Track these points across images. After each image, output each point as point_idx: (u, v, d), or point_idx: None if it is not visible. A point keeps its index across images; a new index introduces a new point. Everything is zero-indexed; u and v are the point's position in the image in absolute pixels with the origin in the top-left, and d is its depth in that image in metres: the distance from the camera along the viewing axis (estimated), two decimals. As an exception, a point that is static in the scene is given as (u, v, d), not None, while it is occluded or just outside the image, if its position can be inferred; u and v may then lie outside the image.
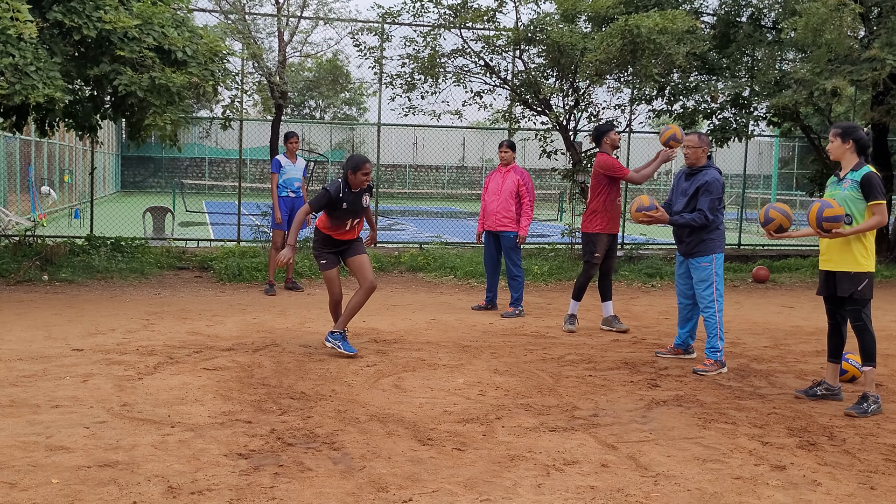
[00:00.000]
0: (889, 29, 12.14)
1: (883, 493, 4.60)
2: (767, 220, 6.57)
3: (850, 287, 6.15)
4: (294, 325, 8.77)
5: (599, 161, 8.89)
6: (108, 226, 15.18)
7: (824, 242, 6.32)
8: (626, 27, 11.28)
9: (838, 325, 6.49)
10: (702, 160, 7.59)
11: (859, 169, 6.18)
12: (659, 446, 5.29)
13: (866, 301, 6.18)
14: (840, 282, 6.20)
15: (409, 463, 4.83)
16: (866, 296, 6.16)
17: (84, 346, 7.47)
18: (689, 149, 7.60)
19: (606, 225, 8.81)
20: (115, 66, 9.76)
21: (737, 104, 14.34)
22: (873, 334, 6.23)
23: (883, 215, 6.10)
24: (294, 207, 11.04)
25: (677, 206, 7.62)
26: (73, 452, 4.81)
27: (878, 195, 6.09)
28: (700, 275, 7.45)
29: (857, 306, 6.17)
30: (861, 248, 6.16)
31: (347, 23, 13.60)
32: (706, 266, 7.41)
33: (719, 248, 7.46)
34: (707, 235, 7.43)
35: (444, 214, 30.23)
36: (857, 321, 6.19)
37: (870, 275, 6.18)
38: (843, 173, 6.27)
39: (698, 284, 7.47)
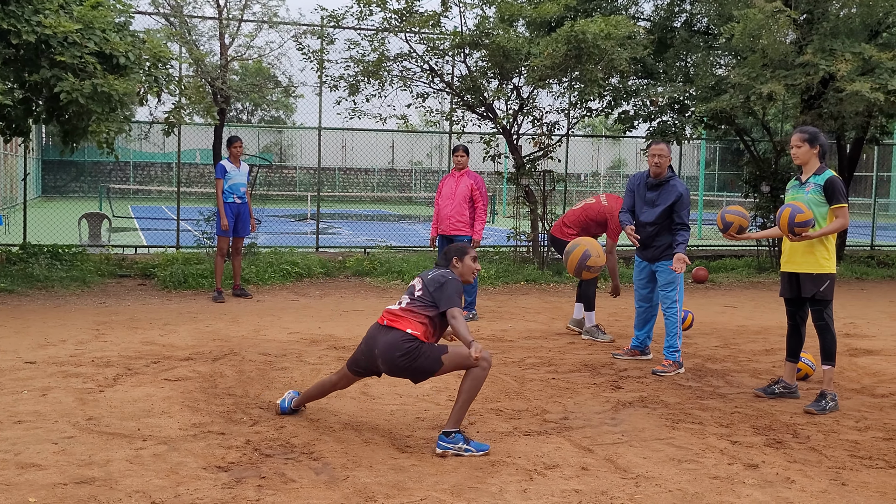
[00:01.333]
0: (821, 35, 12.52)
1: (854, 489, 4.74)
2: (726, 224, 6.72)
3: (813, 288, 6.33)
4: (249, 333, 8.66)
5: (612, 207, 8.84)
6: (39, 233, 14.77)
7: (788, 245, 6.49)
8: (573, 33, 11.42)
9: (798, 326, 6.67)
10: (666, 170, 7.63)
11: (822, 173, 6.35)
12: (633, 448, 5.37)
13: (828, 301, 6.37)
14: (803, 283, 6.39)
15: (392, 471, 4.81)
16: (828, 296, 6.36)
17: (36, 358, 7.26)
18: (662, 157, 7.53)
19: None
20: (55, 72, 9.50)
21: (674, 108, 14.63)
22: (834, 334, 6.42)
23: (845, 218, 6.30)
24: (240, 213, 10.88)
25: (645, 216, 7.63)
26: (45, 469, 4.68)
27: (841, 199, 6.26)
28: (668, 277, 7.58)
29: (820, 307, 6.36)
30: (823, 251, 6.34)
31: (291, 26, 13.46)
32: (671, 269, 7.54)
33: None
34: (669, 243, 7.57)
35: (375, 217, 30.19)
36: (819, 321, 6.38)
37: (832, 276, 6.37)
38: (805, 177, 6.43)
39: (665, 286, 7.60)
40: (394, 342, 5.26)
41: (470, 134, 14.62)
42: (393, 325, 5.34)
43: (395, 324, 5.33)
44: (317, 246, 15.14)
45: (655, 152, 7.59)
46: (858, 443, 5.56)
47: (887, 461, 5.20)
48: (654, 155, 7.59)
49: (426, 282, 5.46)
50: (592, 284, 8.94)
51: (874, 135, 16.74)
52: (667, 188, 7.56)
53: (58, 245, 12.64)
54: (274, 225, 22.13)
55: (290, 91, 14.83)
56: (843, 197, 6.29)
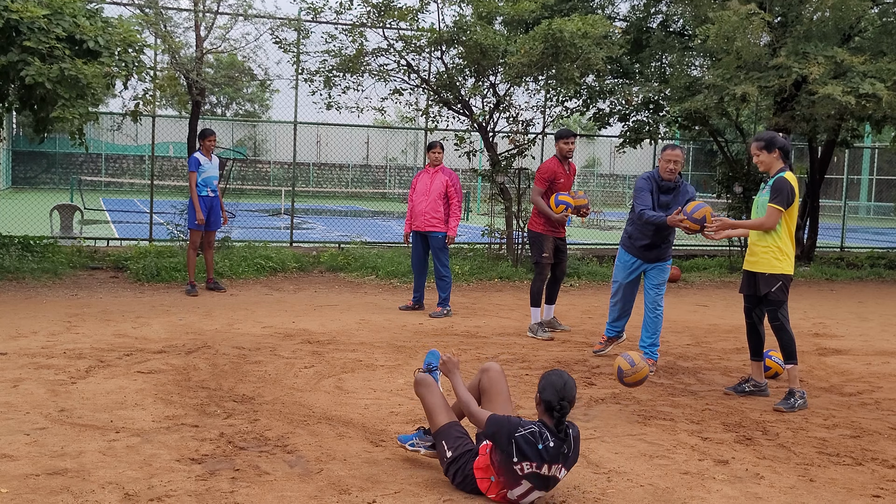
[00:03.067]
0: (795, 38, 12.66)
1: (822, 485, 4.82)
2: (699, 221, 6.81)
3: (766, 287, 6.41)
4: (222, 327, 8.63)
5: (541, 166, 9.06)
6: (9, 224, 14.63)
7: (750, 244, 6.58)
8: (550, 31, 11.47)
9: (755, 325, 6.76)
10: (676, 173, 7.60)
11: (776, 174, 6.42)
12: (605, 443, 5.42)
13: (781, 302, 6.42)
14: (759, 281, 6.47)
15: (366, 465, 4.83)
16: (780, 297, 6.41)
17: (7, 349, 7.20)
18: (677, 164, 7.39)
19: (543, 226, 8.89)
20: (22, 56, 9.40)
21: (648, 108, 14.73)
22: (791, 333, 6.47)
23: (769, 219, 6.31)
24: (213, 206, 10.83)
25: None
26: (17, 460, 4.65)
27: (777, 199, 6.29)
28: (663, 277, 7.68)
29: (773, 307, 6.44)
30: (777, 251, 6.40)
31: (267, 19, 13.40)
32: (668, 268, 7.69)
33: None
34: (672, 241, 7.70)
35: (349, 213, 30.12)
36: (774, 321, 6.45)
37: (785, 277, 6.41)
38: (768, 179, 6.52)
39: (659, 287, 7.66)
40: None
41: (445, 131, 14.64)
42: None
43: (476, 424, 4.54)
44: (291, 241, 15.10)
45: (671, 157, 7.37)
46: (826, 440, 5.65)
47: (854, 458, 5.29)
48: (669, 161, 7.37)
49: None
50: (538, 282, 8.98)
51: (845, 138, 16.95)
52: (680, 191, 7.52)
53: (29, 236, 12.53)
54: (248, 219, 22.03)
55: (266, 84, 14.78)
56: (783, 199, 6.27)
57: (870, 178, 40.08)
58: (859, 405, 6.61)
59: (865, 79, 12.00)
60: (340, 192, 42.54)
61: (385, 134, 43.40)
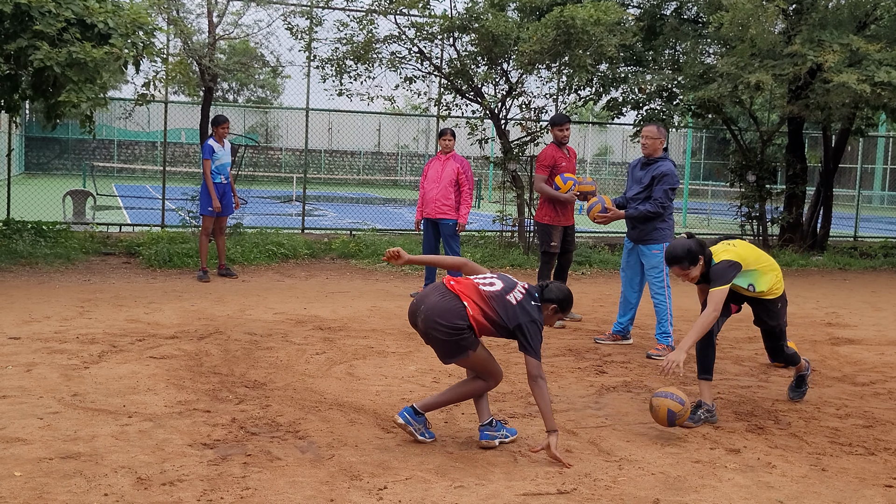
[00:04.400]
0: (810, 25, 12.57)
1: (834, 475, 4.80)
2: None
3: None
4: (234, 313, 8.65)
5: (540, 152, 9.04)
6: (22, 209, 14.69)
7: None
8: (562, 18, 11.41)
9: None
10: (658, 151, 7.71)
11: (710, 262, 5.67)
12: (617, 431, 5.41)
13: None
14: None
15: (378, 451, 4.84)
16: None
17: (21, 334, 7.23)
18: (648, 139, 7.67)
19: (552, 216, 8.87)
20: (32, 41, 9.41)
21: (662, 96, 14.66)
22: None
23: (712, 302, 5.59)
24: (225, 193, 10.83)
25: (630, 192, 7.80)
26: (31, 444, 4.68)
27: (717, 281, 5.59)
28: (651, 262, 7.64)
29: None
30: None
31: (279, 5, 13.38)
32: (657, 253, 7.59)
33: (669, 237, 7.63)
34: (660, 224, 7.61)
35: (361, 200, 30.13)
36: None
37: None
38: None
39: (650, 271, 7.66)
40: (446, 310, 4.79)
41: (457, 118, 14.61)
42: (457, 293, 4.84)
43: (463, 297, 4.82)
44: (302, 227, 15.12)
45: (644, 133, 7.77)
46: (839, 430, 5.63)
47: (866, 448, 5.27)
48: (643, 136, 7.77)
49: (518, 304, 4.87)
50: (546, 271, 8.97)
51: (859, 126, 16.85)
52: (654, 167, 7.67)
53: (42, 222, 12.58)
54: (259, 206, 22.07)
55: (278, 71, 14.77)
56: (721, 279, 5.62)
57: (884, 168, 39.83)
58: (872, 395, 6.58)
59: (881, 67, 11.91)
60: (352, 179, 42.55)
61: (397, 121, 43.34)
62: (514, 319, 4.83)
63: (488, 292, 4.88)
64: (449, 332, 4.78)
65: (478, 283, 4.93)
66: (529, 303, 4.93)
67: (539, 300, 4.99)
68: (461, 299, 4.81)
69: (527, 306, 4.90)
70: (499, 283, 4.96)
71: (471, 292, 4.86)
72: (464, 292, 4.84)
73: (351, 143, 44.97)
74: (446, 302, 4.82)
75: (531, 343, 4.86)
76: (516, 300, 4.89)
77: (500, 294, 4.89)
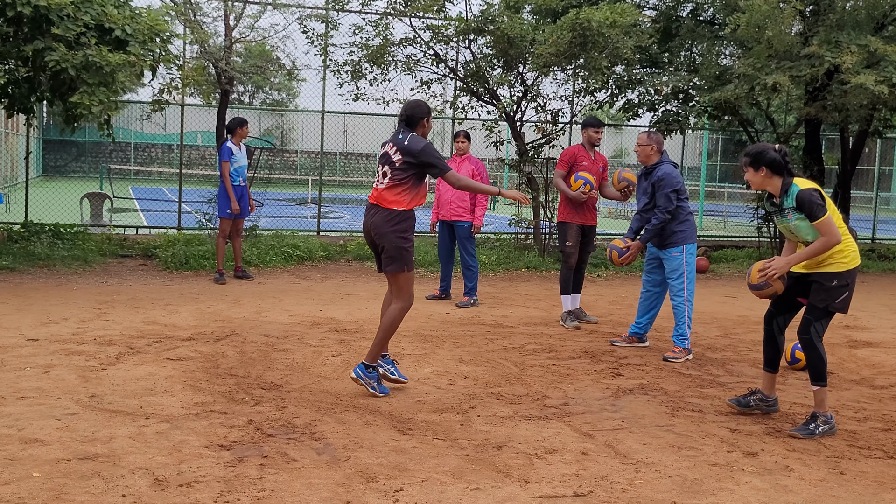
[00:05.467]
0: (827, 26, 12.49)
1: (853, 478, 4.77)
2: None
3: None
4: (251, 315, 8.68)
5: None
6: (40, 212, 14.77)
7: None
8: (578, 20, 11.40)
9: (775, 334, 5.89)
10: (652, 158, 7.75)
11: (788, 191, 5.52)
12: (633, 434, 5.39)
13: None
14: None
15: (394, 453, 4.84)
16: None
17: (39, 335, 7.28)
18: (638, 147, 7.81)
19: (568, 214, 8.86)
20: (49, 44, 9.47)
21: (678, 97, 14.60)
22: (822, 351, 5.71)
23: (831, 232, 5.37)
24: (243, 196, 10.87)
25: (640, 205, 7.87)
26: (49, 445, 4.70)
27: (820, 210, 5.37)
28: (672, 265, 7.62)
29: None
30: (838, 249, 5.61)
31: (296, 8, 13.42)
32: (677, 256, 7.58)
33: (690, 239, 7.62)
34: (677, 227, 7.59)
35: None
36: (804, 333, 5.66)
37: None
38: (778, 201, 5.62)
39: (670, 274, 7.64)
40: (386, 217, 5.95)
41: (472, 120, 14.62)
42: (384, 204, 5.96)
43: (387, 204, 5.95)
44: (318, 230, 15.15)
45: (637, 142, 7.86)
46: (857, 433, 5.59)
47: (885, 451, 5.23)
48: (637, 145, 7.86)
49: (402, 149, 5.95)
50: (565, 270, 8.96)
51: (877, 128, 16.73)
52: (652, 174, 7.73)
53: (59, 224, 12.65)
54: (275, 208, 22.12)
55: (294, 74, 14.80)
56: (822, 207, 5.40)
57: (902, 170, 39.54)
58: (891, 398, 6.54)
59: (899, 68, 11.81)
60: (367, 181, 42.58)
61: (412, 124, 43.24)
62: (413, 164, 5.91)
63: (384, 185, 5.98)
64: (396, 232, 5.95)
65: (378, 188, 6.04)
66: (404, 143, 5.95)
67: (408, 128, 6.05)
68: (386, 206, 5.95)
69: (405, 146, 5.92)
70: (384, 168, 6.01)
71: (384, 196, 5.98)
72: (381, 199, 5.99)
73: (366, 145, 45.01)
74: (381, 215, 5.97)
75: (437, 163, 5.95)
76: (400, 158, 5.94)
77: (389, 173, 5.97)
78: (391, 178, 5.95)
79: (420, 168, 5.95)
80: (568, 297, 8.94)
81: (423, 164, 5.93)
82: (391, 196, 5.94)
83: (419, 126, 6.09)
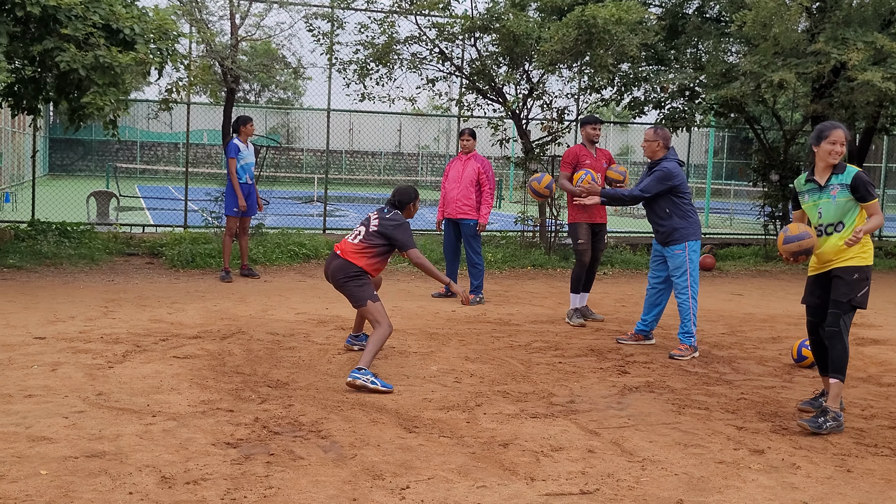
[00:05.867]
0: (833, 23, 12.46)
1: (859, 476, 4.77)
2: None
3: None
4: (257, 313, 8.69)
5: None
6: (47, 210, 14.80)
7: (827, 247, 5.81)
8: (583, 17, 11.38)
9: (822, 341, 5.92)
10: (658, 153, 7.73)
11: (846, 169, 5.67)
12: (639, 432, 5.39)
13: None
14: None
15: (400, 451, 4.84)
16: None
17: (46, 334, 7.30)
18: (644, 142, 7.84)
19: (578, 214, 8.85)
20: (58, 44, 9.49)
21: (684, 95, 14.58)
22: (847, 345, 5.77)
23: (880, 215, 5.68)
24: (250, 194, 10.88)
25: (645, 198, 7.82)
26: (56, 443, 4.72)
27: (873, 191, 5.65)
28: (674, 262, 7.61)
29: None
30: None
31: (301, 6, 13.42)
32: (679, 253, 7.57)
33: (692, 236, 7.60)
34: (679, 224, 7.58)
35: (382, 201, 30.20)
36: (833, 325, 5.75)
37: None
38: (822, 179, 5.73)
39: (673, 272, 7.63)
40: (343, 267, 6.48)
41: (478, 118, 14.60)
42: (346, 257, 6.48)
43: (349, 258, 6.47)
44: (324, 228, 15.16)
45: (644, 137, 7.87)
46: (864, 431, 5.58)
47: (892, 449, 5.22)
48: (644, 140, 7.88)
49: (382, 220, 6.57)
50: (578, 268, 8.95)
51: (884, 125, 16.68)
52: (655, 168, 7.71)
53: (66, 223, 12.68)
54: (281, 206, 22.14)
55: (300, 73, 14.81)
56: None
57: (909, 167, 39.38)
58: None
59: (906, 65, 11.78)
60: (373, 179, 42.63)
61: (417, 121, 43.37)
62: (385, 236, 6.49)
63: (355, 242, 6.53)
64: (352, 280, 6.44)
65: (347, 240, 6.60)
66: (386, 217, 6.58)
67: (395, 208, 6.66)
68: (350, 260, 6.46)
69: (385, 220, 6.54)
70: (360, 228, 6.62)
71: (351, 253, 6.49)
72: (348, 254, 6.49)
73: (372, 143, 45.08)
74: (342, 263, 6.48)
75: (404, 241, 6.52)
76: (376, 226, 6.53)
77: (364, 233, 6.54)
78: (363, 239, 6.53)
79: (389, 242, 6.54)
80: (575, 295, 8.94)
81: (391, 237, 6.52)
82: (355, 252, 6.49)
83: (406, 209, 6.74)
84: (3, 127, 26.68)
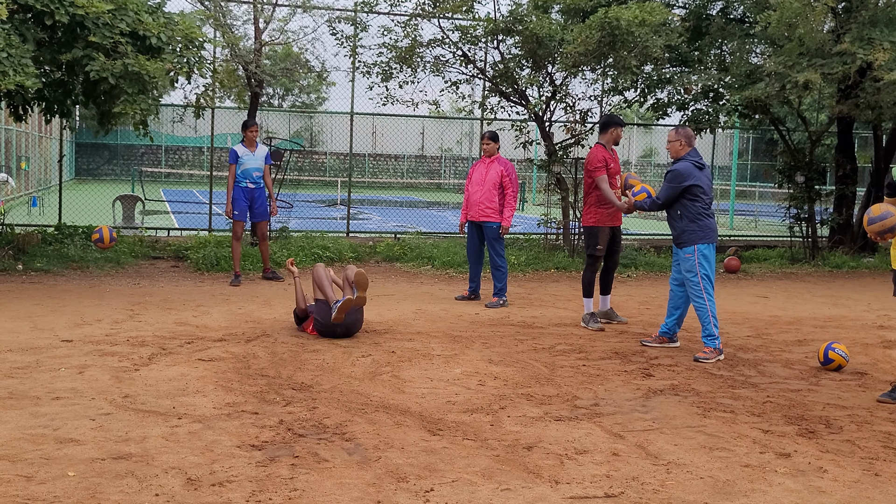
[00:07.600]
0: (859, 23, 12.37)
1: (887, 479, 4.72)
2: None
3: None
4: (281, 316, 8.73)
5: (589, 154, 8.93)
6: (73, 214, 14.95)
7: None
8: (607, 19, 11.36)
9: None
10: (681, 152, 7.70)
11: None
12: (664, 435, 5.36)
13: None
14: None
15: (424, 453, 4.84)
16: None
17: (73, 336, 7.37)
18: (668, 142, 7.84)
19: (601, 218, 8.81)
20: (87, 52, 9.60)
21: (708, 96, 14.52)
22: None
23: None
24: (254, 198, 10.93)
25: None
26: (83, 445, 4.76)
27: None
28: (686, 265, 7.59)
29: None
30: None
31: (324, 11, 13.50)
32: (689, 257, 7.54)
33: (701, 240, 7.52)
34: (688, 226, 7.54)
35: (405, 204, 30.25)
36: None
37: None
38: None
39: (686, 274, 7.60)
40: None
41: (501, 121, 14.60)
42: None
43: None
44: (347, 231, 15.22)
45: (667, 138, 7.88)
46: (892, 434, 5.52)
47: (921, 453, 5.16)
48: (667, 142, 7.88)
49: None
50: (590, 272, 8.91)
51: (912, 125, 16.52)
52: (668, 170, 7.70)
53: (92, 226, 12.79)
54: (305, 210, 22.24)
55: (323, 76, 14.88)
56: None
57: (936, 168, 38.99)
58: (926, 399, 6.45)
59: (933, 65, 11.67)
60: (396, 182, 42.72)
61: (440, 124, 43.40)
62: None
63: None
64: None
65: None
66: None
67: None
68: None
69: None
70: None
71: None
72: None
73: (395, 146, 45.17)
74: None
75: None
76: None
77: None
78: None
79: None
80: (590, 300, 8.89)
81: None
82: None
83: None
84: (31, 132, 26.98)
